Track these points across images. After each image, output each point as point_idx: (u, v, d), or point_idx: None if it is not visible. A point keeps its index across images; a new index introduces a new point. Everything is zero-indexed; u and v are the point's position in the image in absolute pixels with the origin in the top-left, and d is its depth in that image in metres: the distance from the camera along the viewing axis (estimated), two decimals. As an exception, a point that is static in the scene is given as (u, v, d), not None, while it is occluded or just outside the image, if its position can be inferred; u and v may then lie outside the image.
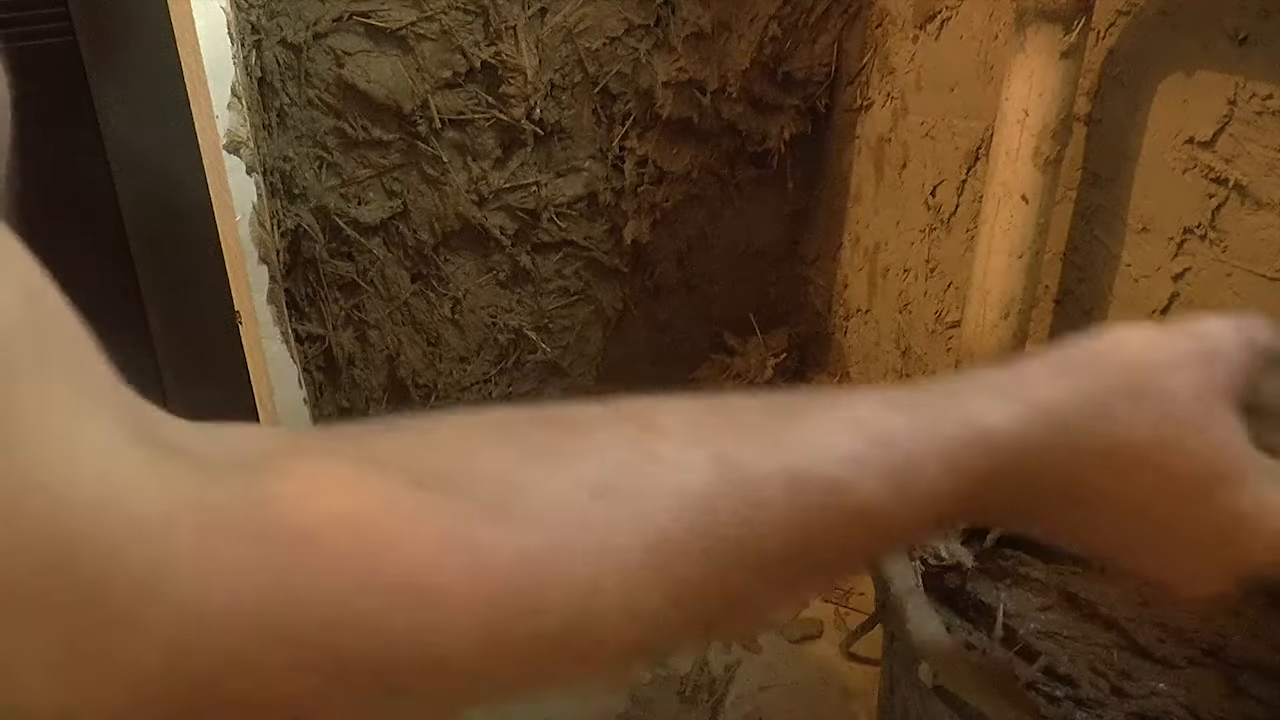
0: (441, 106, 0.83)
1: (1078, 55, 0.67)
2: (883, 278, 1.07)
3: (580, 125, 0.91)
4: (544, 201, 0.93)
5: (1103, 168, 0.77)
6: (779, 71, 0.99)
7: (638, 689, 0.77)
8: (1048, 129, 0.69)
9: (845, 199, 1.10)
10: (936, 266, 0.98)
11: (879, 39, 0.99)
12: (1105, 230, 0.79)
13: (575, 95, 0.89)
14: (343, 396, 0.92)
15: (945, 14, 0.90)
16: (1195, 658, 0.71)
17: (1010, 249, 0.73)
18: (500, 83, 0.84)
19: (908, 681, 0.55)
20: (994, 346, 0.77)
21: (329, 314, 0.87)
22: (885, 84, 1.00)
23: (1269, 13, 0.63)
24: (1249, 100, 0.66)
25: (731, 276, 1.11)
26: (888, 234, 1.05)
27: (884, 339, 1.09)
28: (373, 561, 0.22)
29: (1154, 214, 0.74)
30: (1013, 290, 0.75)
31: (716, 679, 0.77)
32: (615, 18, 0.87)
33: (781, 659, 0.80)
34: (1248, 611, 0.71)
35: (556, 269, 0.99)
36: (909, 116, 0.97)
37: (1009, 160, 0.71)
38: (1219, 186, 0.69)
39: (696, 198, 1.03)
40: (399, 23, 0.78)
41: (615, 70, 0.89)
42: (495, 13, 0.81)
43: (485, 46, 0.82)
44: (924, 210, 0.98)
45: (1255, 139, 0.66)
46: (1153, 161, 0.73)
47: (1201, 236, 0.72)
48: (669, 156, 0.98)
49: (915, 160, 0.98)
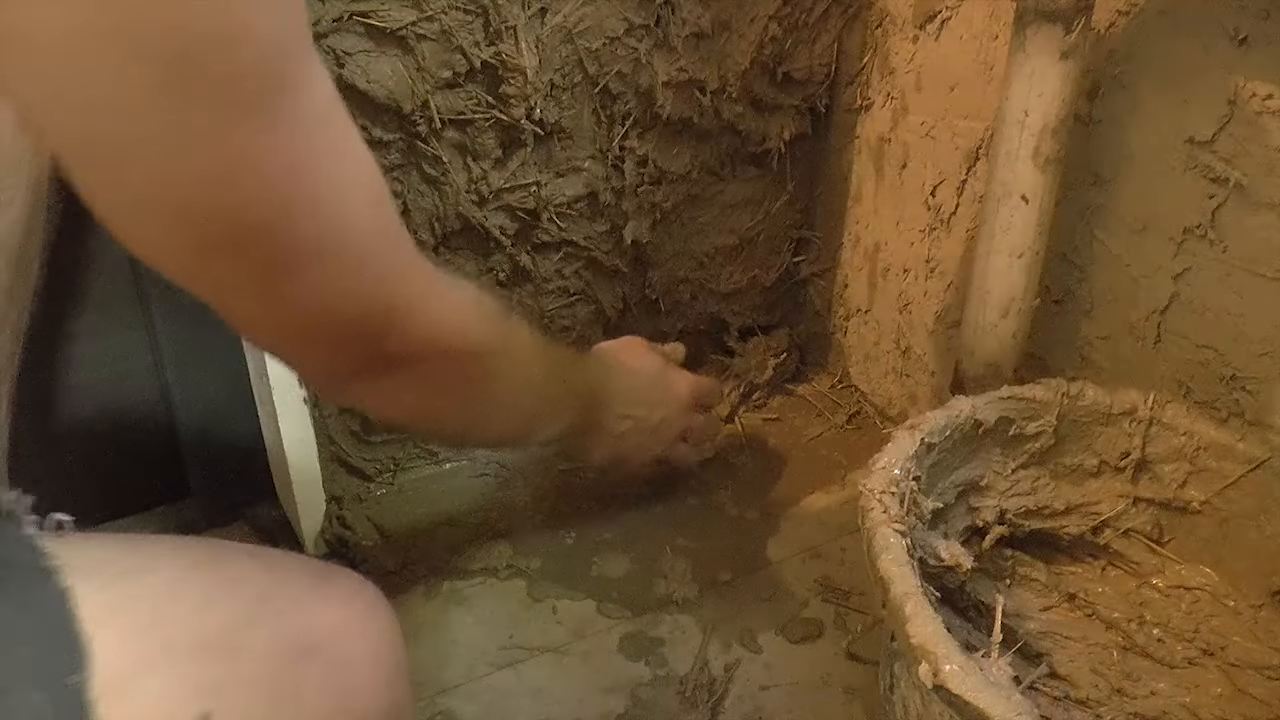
0: (441, 106, 0.83)
1: (1078, 55, 0.67)
2: (883, 278, 1.07)
3: (580, 125, 0.91)
4: (544, 201, 0.93)
5: (1103, 168, 0.77)
6: (779, 71, 0.99)
7: (638, 689, 0.77)
8: (1048, 129, 0.69)
9: (845, 199, 1.10)
10: (936, 266, 0.98)
11: (879, 39, 0.99)
12: (1105, 230, 0.79)
13: (575, 95, 0.89)
14: (343, 396, 0.92)
15: (945, 14, 0.90)
16: (1195, 658, 0.71)
17: (1010, 249, 0.73)
18: (500, 83, 0.84)
19: (908, 681, 0.55)
20: (994, 346, 0.77)
21: (329, 314, 0.87)
22: (885, 84, 1.00)
23: (1269, 13, 0.63)
24: (1249, 100, 0.66)
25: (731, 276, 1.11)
26: (888, 234, 1.05)
27: (884, 339, 1.09)
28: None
29: (1154, 214, 0.74)
30: (1013, 290, 0.75)
31: (716, 679, 0.77)
32: (615, 17, 0.87)
33: (781, 659, 0.80)
34: (1247, 611, 0.71)
35: (556, 269, 0.99)
36: (909, 116, 0.97)
37: (1009, 160, 0.71)
38: (1219, 186, 0.69)
39: (696, 197, 1.03)
40: (399, 23, 0.78)
41: (615, 70, 0.89)
42: (495, 13, 0.81)
43: (485, 46, 0.82)
44: (924, 210, 0.98)
45: (1255, 139, 0.66)
46: (1153, 161, 0.73)
47: (1201, 236, 0.72)
48: (669, 156, 0.98)
49: (915, 160, 0.98)
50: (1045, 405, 0.72)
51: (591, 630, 0.83)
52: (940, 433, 0.67)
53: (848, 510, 0.97)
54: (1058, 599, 0.77)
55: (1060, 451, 0.74)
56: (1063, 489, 0.76)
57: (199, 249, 0.38)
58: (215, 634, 0.37)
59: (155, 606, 0.36)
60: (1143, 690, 0.70)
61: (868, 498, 0.60)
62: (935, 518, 0.69)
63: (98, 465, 0.90)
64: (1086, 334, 0.83)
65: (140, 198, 0.36)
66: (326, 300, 0.41)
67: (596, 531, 0.94)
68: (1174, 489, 0.73)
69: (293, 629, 0.39)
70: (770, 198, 1.08)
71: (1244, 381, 0.71)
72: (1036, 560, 0.78)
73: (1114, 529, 0.76)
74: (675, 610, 0.85)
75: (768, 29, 0.95)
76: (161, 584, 0.37)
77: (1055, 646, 0.73)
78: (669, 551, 0.91)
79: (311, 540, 0.88)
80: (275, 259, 0.39)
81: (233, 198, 0.36)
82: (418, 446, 1.00)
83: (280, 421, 0.81)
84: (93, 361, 0.86)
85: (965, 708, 0.47)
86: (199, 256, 0.38)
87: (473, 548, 0.91)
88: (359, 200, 0.41)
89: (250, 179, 0.36)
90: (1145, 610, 0.75)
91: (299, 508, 0.86)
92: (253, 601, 0.39)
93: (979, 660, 0.49)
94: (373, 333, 0.44)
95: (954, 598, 0.74)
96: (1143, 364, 0.78)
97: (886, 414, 1.10)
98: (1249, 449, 0.69)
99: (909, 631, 0.51)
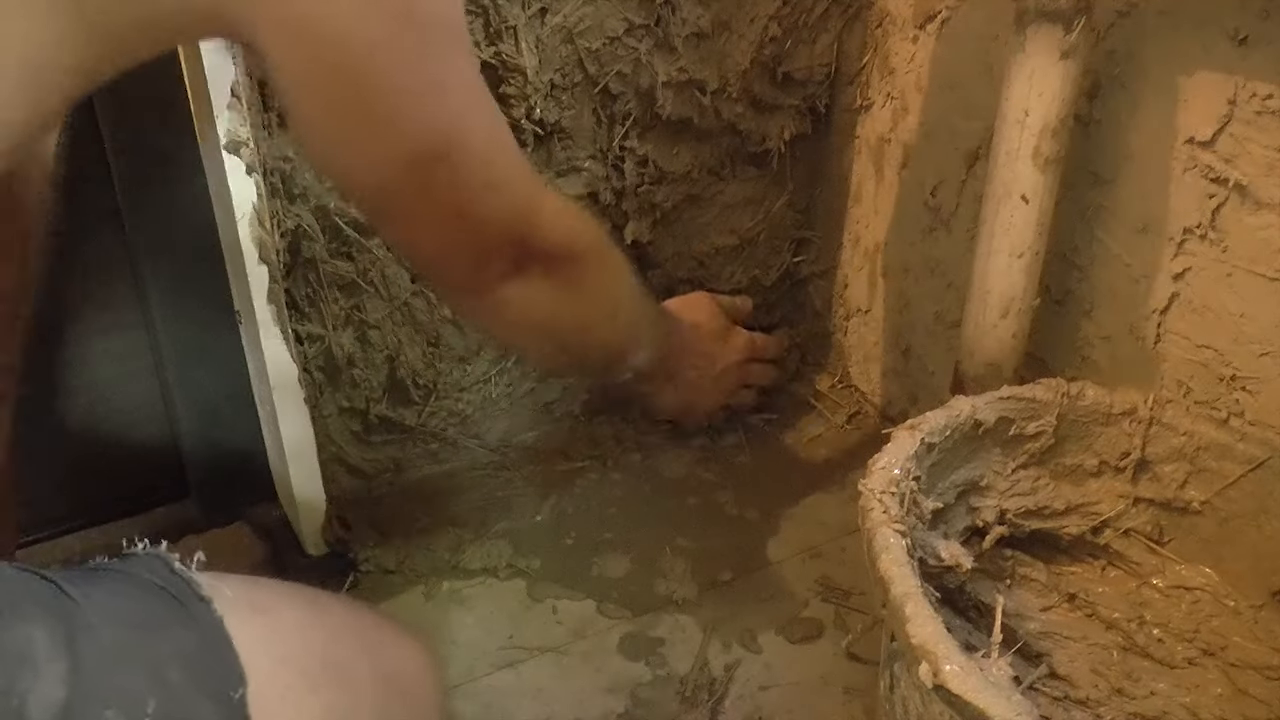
0: (441, 106, 0.83)
1: (1078, 55, 0.67)
2: (883, 278, 1.07)
3: (580, 125, 0.91)
4: (544, 201, 0.93)
5: (1103, 168, 0.77)
6: (779, 71, 0.99)
7: (638, 689, 0.77)
8: (1048, 129, 0.69)
9: (845, 199, 1.10)
10: (936, 266, 0.98)
11: (879, 39, 0.99)
12: (1105, 230, 0.79)
13: (575, 95, 0.89)
14: (343, 396, 0.92)
15: (945, 14, 0.90)
16: (1195, 658, 0.71)
17: (1010, 249, 0.73)
18: (500, 82, 0.84)
19: (908, 681, 0.55)
20: (994, 346, 0.77)
21: (329, 314, 0.87)
22: (885, 84, 1.00)
23: (1269, 13, 0.63)
24: (1249, 100, 0.66)
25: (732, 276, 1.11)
26: (888, 234, 1.05)
27: (884, 339, 1.09)
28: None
29: (1154, 214, 0.74)
30: (1013, 290, 0.75)
31: (716, 679, 0.77)
32: (615, 18, 0.87)
33: (781, 659, 0.80)
34: (1247, 611, 0.71)
35: (556, 269, 0.99)
36: (909, 116, 0.97)
37: (1009, 160, 0.71)
38: (1219, 186, 0.69)
39: (696, 198, 1.03)
40: (399, 23, 0.78)
41: (615, 70, 0.89)
42: (495, 13, 0.81)
43: (485, 46, 0.82)
44: (924, 210, 0.98)
45: (1255, 139, 0.66)
46: (1153, 161, 0.73)
47: (1201, 236, 0.72)
48: (669, 156, 0.98)
49: (915, 160, 0.98)
50: (1045, 405, 0.72)
51: (591, 630, 0.83)
52: (940, 433, 0.67)
53: (848, 510, 0.97)
54: (1058, 599, 0.77)
55: (1060, 451, 0.74)
56: (1063, 489, 0.76)
57: (410, 162, 0.48)
58: (336, 668, 0.44)
59: (291, 641, 0.43)
60: (1143, 690, 0.70)
61: (868, 498, 0.60)
62: (935, 518, 0.69)
63: (98, 465, 0.90)
64: (1086, 334, 0.83)
65: (372, 115, 0.47)
66: (489, 209, 0.52)
67: (596, 531, 0.94)
68: (1174, 489, 0.73)
69: (388, 669, 0.48)
70: (770, 198, 1.08)
71: (1244, 381, 0.71)
72: (1036, 560, 0.78)
73: (1114, 529, 0.76)
74: (675, 610, 0.85)
75: (768, 29, 0.95)
76: (292, 622, 0.44)
77: (1055, 646, 0.73)
78: (669, 551, 0.91)
79: (311, 540, 0.88)
80: (461, 168, 0.50)
81: (440, 110, 0.48)
82: (418, 446, 1.00)
83: (280, 421, 0.81)
84: (93, 361, 0.86)
85: (965, 708, 0.47)
86: (408, 169, 0.49)
87: (473, 548, 0.91)
88: (504, 123, 0.54)
89: (453, 95, 0.49)
90: (1145, 610, 0.74)
91: (299, 508, 0.86)
92: (359, 642, 0.47)
93: (979, 660, 0.49)
94: (521, 236, 0.55)
95: (954, 598, 0.74)
96: (1143, 364, 0.78)
97: (886, 414, 1.10)
98: (1249, 449, 0.69)
99: (909, 631, 0.51)
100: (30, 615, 0.36)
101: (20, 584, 0.38)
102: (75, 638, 0.36)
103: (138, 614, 0.40)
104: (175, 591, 0.41)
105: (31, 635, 0.35)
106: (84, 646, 0.36)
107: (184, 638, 0.40)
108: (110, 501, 0.92)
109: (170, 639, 0.39)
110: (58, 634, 0.36)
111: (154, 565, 0.43)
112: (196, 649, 0.39)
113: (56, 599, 0.38)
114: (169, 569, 0.42)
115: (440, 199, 0.51)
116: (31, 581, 0.38)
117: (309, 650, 0.44)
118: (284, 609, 0.45)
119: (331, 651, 0.45)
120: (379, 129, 0.47)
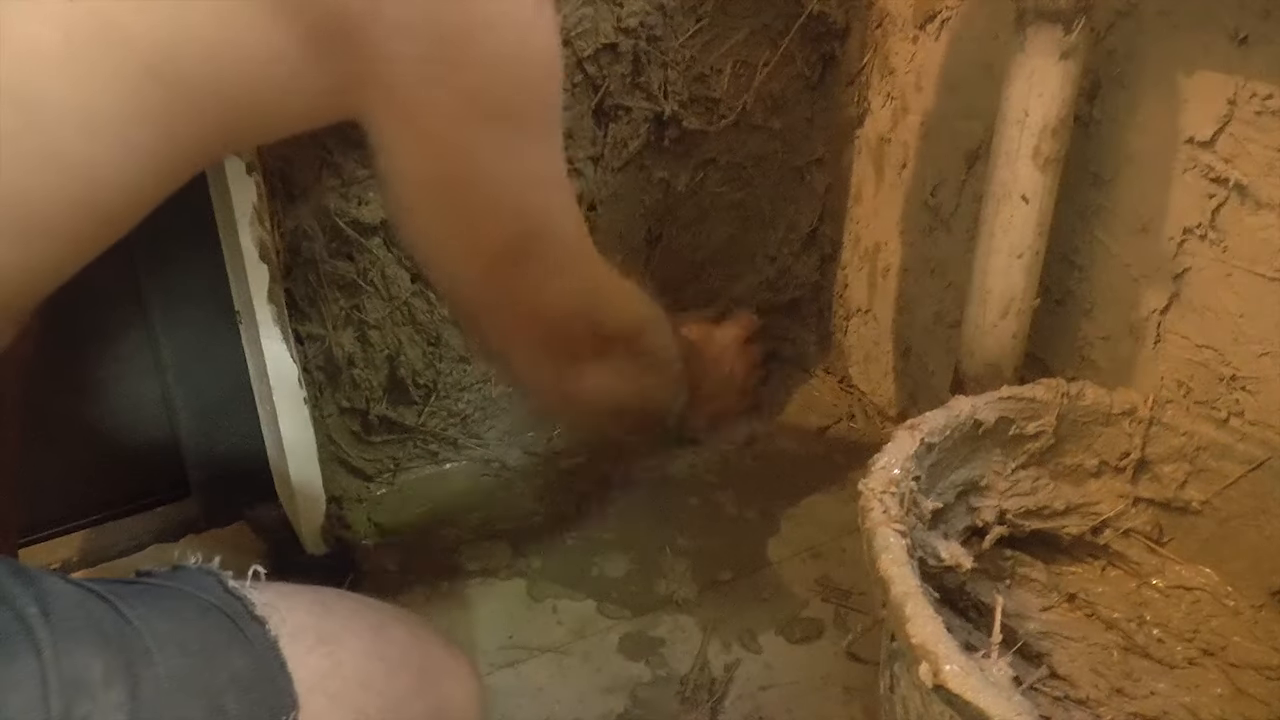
0: (441, 106, 0.83)
1: (1078, 55, 0.67)
2: (883, 278, 1.07)
3: (580, 126, 0.91)
4: (544, 201, 0.93)
5: (1103, 168, 0.77)
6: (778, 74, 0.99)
7: (638, 689, 0.77)
8: (1048, 129, 0.69)
9: (845, 199, 1.10)
10: (936, 266, 0.98)
11: (879, 39, 0.99)
12: (1105, 230, 0.79)
13: (575, 96, 0.89)
14: (343, 396, 0.92)
15: (945, 14, 0.90)
16: (1195, 658, 0.71)
17: (1010, 249, 0.73)
18: (500, 83, 0.84)
19: (908, 681, 0.55)
20: (994, 346, 0.77)
21: (329, 314, 0.87)
22: (885, 84, 1.00)
23: (1269, 13, 0.63)
24: (1249, 100, 0.66)
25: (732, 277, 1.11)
26: (888, 234, 1.05)
27: (884, 339, 1.09)
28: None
29: (1154, 214, 0.74)
30: (1013, 290, 0.75)
31: (716, 679, 0.77)
32: (615, 20, 0.87)
33: (781, 659, 0.80)
34: (1248, 611, 0.71)
35: (556, 269, 0.99)
36: (909, 117, 0.97)
37: (1009, 160, 0.71)
38: (1219, 186, 0.69)
39: (697, 199, 1.03)
40: (399, 23, 0.78)
41: (615, 72, 0.89)
42: (495, 13, 0.81)
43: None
44: (924, 210, 0.98)
45: (1255, 139, 0.66)
46: (1153, 161, 0.73)
47: (1201, 236, 0.72)
48: (669, 159, 0.98)
49: (915, 160, 0.98)
50: (1045, 405, 0.72)
51: (591, 630, 0.83)
52: (940, 433, 0.67)
53: (848, 510, 0.97)
54: (1058, 599, 0.77)
55: (1060, 452, 0.74)
56: (1063, 489, 0.76)
57: (494, 259, 0.49)
58: (393, 705, 0.45)
59: (350, 677, 0.44)
60: (1143, 690, 0.70)
61: (868, 498, 0.60)
62: (935, 518, 0.69)
63: (98, 465, 0.90)
64: (1086, 334, 0.83)
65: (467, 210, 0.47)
66: (565, 300, 0.53)
67: (596, 531, 0.94)
68: (1174, 489, 0.73)
69: (440, 703, 0.48)
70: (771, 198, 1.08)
71: (1244, 381, 0.71)
72: (1036, 560, 0.78)
73: (1114, 529, 0.76)
74: (675, 610, 0.85)
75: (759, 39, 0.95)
76: (354, 656, 0.45)
77: (1055, 646, 0.73)
78: (669, 551, 0.91)
79: (311, 540, 0.88)
80: (543, 261, 0.50)
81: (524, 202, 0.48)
82: (418, 446, 1.00)
83: (280, 421, 0.81)
84: (93, 362, 0.86)
85: (965, 708, 0.47)
86: (493, 267, 0.50)
87: (473, 548, 0.91)
88: (577, 211, 0.54)
89: (538, 189, 0.49)
90: (1145, 610, 0.74)
91: (299, 508, 0.86)
92: (415, 678, 0.48)
93: (979, 660, 0.49)
94: (592, 323, 0.56)
95: (954, 598, 0.74)
96: (1143, 364, 0.78)
97: (886, 414, 1.10)
98: (1249, 449, 0.69)
99: (909, 631, 0.51)
100: (88, 641, 0.36)
101: (77, 605, 0.38)
102: (133, 664, 0.37)
103: (194, 640, 0.40)
104: (230, 611, 0.41)
105: (90, 663, 0.36)
106: (142, 674, 0.37)
107: (239, 663, 0.40)
108: (110, 501, 0.92)
109: (226, 665, 0.39)
110: (116, 662, 0.36)
111: (207, 583, 0.43)
112: (251, 674, 0.40)
113: (115, 623, 0.38)
114: (223, 587, 0.42)
115: (531, 284, 0.51)
116: (88, 601, 0.38)
117: (366, 688, 0.44)
118: (348, 639, 0.45)
119: (388, 687, 0.45)
120: (477, 218, 0.48)
